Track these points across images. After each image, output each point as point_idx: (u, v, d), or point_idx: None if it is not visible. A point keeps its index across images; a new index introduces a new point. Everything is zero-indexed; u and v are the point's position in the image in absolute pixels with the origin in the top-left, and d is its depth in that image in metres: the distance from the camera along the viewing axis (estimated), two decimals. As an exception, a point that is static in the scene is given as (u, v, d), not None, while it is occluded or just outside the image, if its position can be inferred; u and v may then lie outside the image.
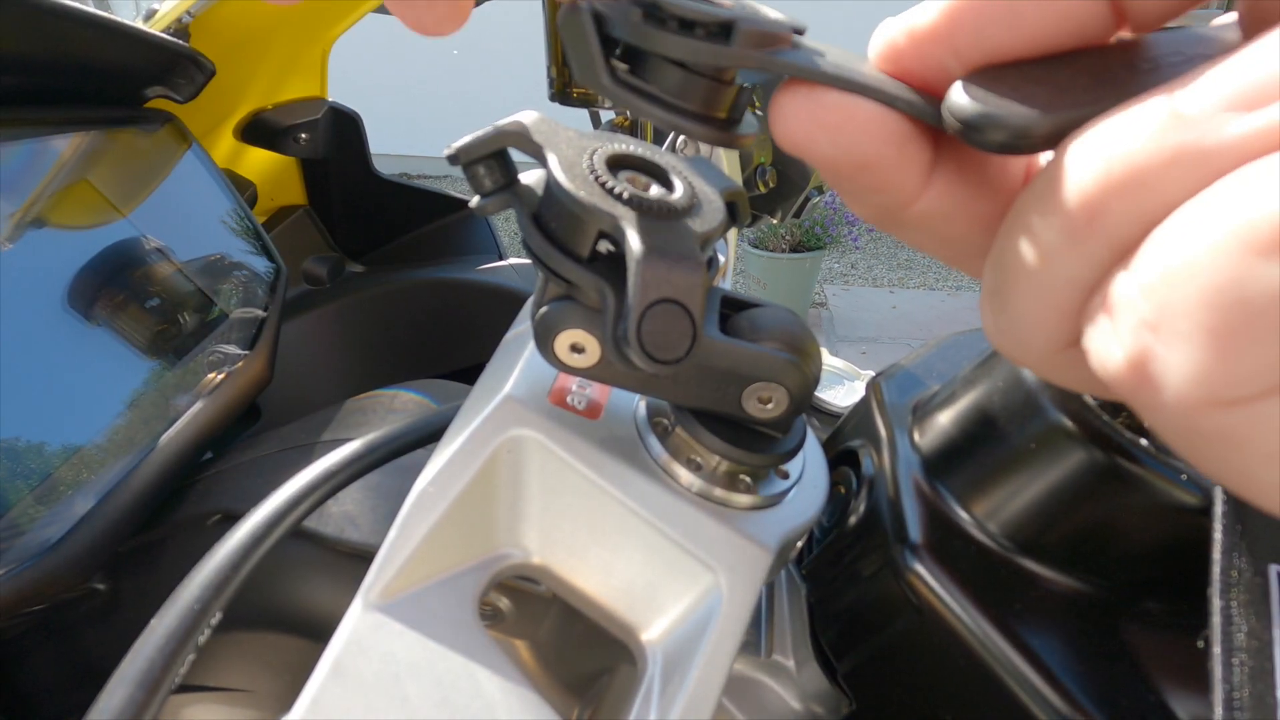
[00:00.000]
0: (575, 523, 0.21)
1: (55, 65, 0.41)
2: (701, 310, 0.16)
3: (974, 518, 0.22)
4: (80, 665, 0.40)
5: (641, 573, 0.21)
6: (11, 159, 0.38)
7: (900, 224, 0.14)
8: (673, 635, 0.21)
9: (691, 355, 0.17)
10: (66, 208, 0.41)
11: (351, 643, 0.18)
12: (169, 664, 0.20)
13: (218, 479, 0.41)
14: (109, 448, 0.37)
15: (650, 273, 0.16)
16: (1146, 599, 0.21)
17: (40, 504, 0.33)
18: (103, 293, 0.41)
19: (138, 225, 0.45)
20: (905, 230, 0.14)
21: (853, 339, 2.62)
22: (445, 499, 0.20)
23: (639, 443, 0.22)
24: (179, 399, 0.42)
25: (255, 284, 0.52)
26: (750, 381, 0.20)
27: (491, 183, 0.18)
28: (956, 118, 0.12)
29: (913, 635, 0.22)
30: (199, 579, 0.21)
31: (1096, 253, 0.10)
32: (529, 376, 0.22)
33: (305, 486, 0.24)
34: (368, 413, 0.42)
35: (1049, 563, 0.21)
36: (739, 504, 0.21)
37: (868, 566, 0.23)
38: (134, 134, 0.47)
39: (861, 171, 0.13)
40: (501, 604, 0.28)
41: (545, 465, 0.21)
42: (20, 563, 0.31)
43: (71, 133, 0.42)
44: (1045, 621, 0.20)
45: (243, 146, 0.71)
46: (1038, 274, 0.11)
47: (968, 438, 0.23)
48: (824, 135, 0.13)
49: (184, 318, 0.45)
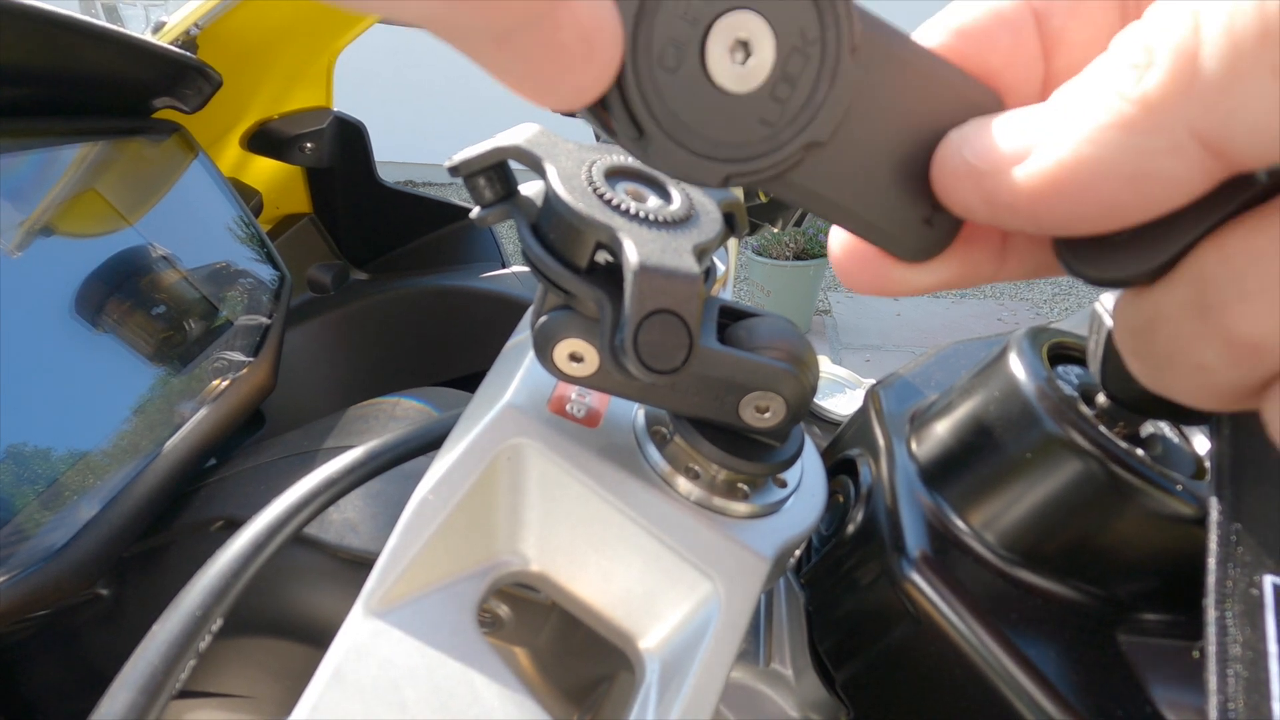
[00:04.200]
0: (574, 530, 0.21)
1: (66, 77, 0.42)
2: (697, 321, 0.17)
3: (971, 528, 0.22)
4: (83, 670, 0.40)
5: (640, 580, 0.21)
6: (21, 169, 0.38)
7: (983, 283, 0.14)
8: (670, 643, 0.21)
9: (688, 365, 0.17)
10: (75, 216, 0.41)
11: (351, 649, 0.18)
12: (170, 669, 0.20)
13: (221, 485, 0.41)
14: (114, 454, 0.37)
15: (646, 284, 0.16)
16: (1143, 609, 0.21)
17: (46, 509, 0.33)
18: (110, 300, 0.41)
19: (144, 233, 0.45)
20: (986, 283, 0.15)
21: (856, 346, 2.61)
22: (445, 507, 0.20)
23: (638, 451, 0.22)
24: (184, 405, 0.42)
25: (260, 291, 0.53)
26: (747, 391, 0.20)
27: (492, 194, 0.18)
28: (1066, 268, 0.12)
29: (910, 644, 0.22)
30: (200, 585, 0.21)
31: (1263, 373, 0.10)
32: (529, 385, 0.22)
33: (306, 494, 0.24)
34: (369, 420, 0.43)
35: (1046, 573, 0.21)
36: (737, 512, 0.21)
37: (865, 575, 0.23)
38: (142, 144, 0.47)
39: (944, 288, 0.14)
40: (501, 611, 0.28)
41: (544, 473, 0.21)
42: (25, 567, 0.32)
43: (80, 143, 0.42)
44: (1042, 631, 0.20)
45: (249, 155, 0.72)
46: (1193, 375, 0.11)
47: (965, 447, 0.23)
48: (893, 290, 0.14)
49: (189, 325, 0.46)
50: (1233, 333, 0.10)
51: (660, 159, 0.12)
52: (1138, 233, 0.11)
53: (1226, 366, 0.10)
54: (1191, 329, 0.11)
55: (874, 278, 0.14)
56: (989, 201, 0.12)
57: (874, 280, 0.14)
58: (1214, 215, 0.10)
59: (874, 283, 0.14)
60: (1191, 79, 0.09)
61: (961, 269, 0.13)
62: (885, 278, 0.14)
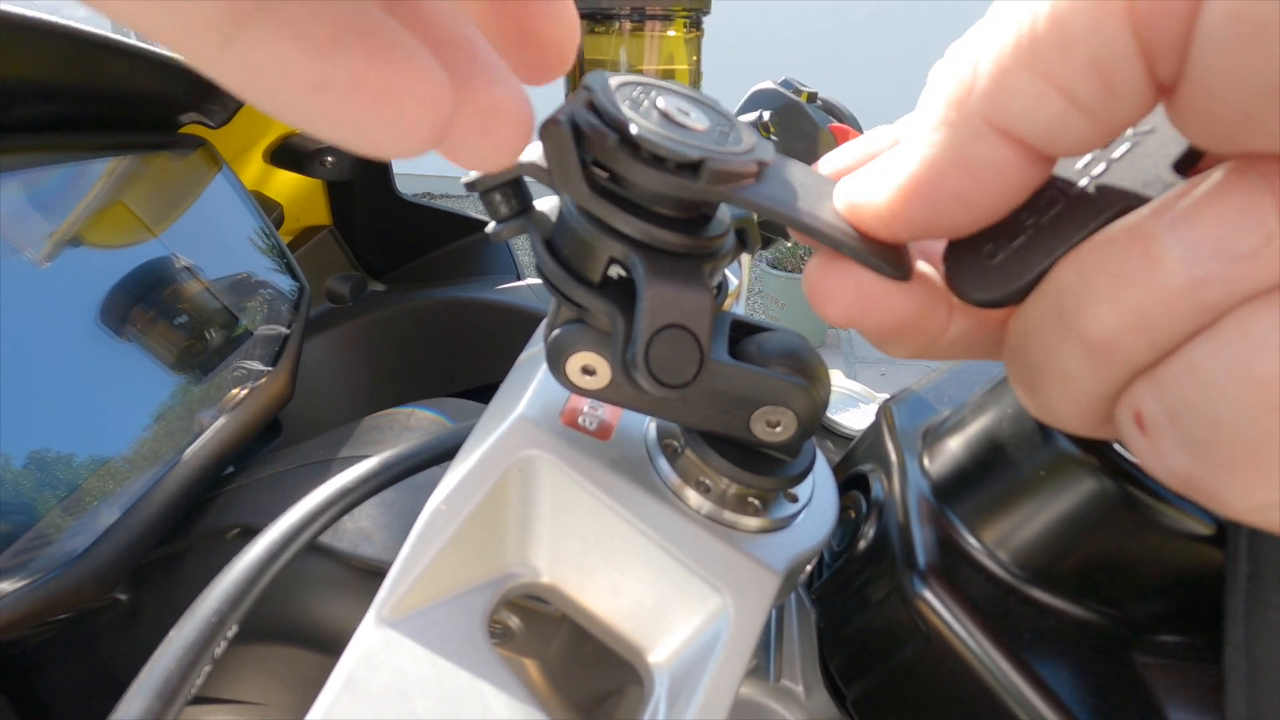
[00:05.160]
0: (584, 543, 0.21)
1: (97, 94, 0.43)
2: (708, 336, 0.17)
3: (984, 545, 0.22)
4: (101, 672, 0.40)
5: (649, 594, 0.21)
6: (52, 182, 0.40)
7: (931, 354, 0.15)
8: (679, 657, 0.21)
9: (699, 379, 0.17)
10: (102, 228, 0.42)
11: (363, 657, 0.18)
12: (185, 676, 0.20)
13: (238, 493, 0.42)
14: (135, 460, 0.38)
15: (658, 299, 0.16)
16: (1160, 630, 0.20)
17: (68, 515, 0.34)
18: (134, 309, 0.42)
19: (169, 245, 0.46)
20: (934, 354, 0.16)
21: (872, 360, 2.59)
22: (457, 518, 0.20)
23: (649, 464, 0.22)
24: (204, 413, 0.43)
25: (279, 302, 0.54)
26: (758, 405, 0.20)
27: (507, 209, 0.19)
28: (955, 292, 0.14)
29: (921, 662, 0.21)
30: (216, 593, 0.22)
31: (1115, 375, 0.12)
32: (542, 397, 0.22)
33: (320, 504, 0.25)
34: (384, 430, 0.43)
35: (1060, 592, 0.21)
36: (747, 527, 0.21)
37: (876, 592, 0.23)
38: (168, 158, 0.48)
39: (901, 333, 0.15)
40: (512, 623, 0.28)
41: (556, 485, 0.21)
42: (47, 572, 0.32)
43: (109, 157, 0.44)
44: (1055, 651, 0.20)
45: (271, 169, 0.73)
46: (1060, 386, 0.13)
47: (977, 464, 0.22)
48: (866, 313, 0.15)
49: (210, 334, 0.47)
50: (1086, 334, 0.12)
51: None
52: (1010, 257, 0.13)
53: (1085, 371, 0.12)
54: (1053, 335, 0.12)
55: (855, 289, 0.14)
56: (878, 217, 0.14)
57: (852, 291, 0.15)
58: (1072, 237, 0.12)
59: (853, 295, 0.15)
60: (973, 80, 0.11)
61: (928, 298, 0.15)
62: (863, 290, 0.14)
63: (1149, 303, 0.11)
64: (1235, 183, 0.10)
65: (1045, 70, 0.10)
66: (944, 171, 0.12)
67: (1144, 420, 0.11)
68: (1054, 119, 0.11)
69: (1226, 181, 0.10)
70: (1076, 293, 0.12)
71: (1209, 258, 0.10)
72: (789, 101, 0.50)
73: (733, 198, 0.15)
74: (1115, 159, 0.13)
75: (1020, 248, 0.13)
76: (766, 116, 0.49)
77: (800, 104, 0.49)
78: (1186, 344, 0.11)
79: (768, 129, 0.49)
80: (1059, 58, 0.10)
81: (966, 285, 0.13)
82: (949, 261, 0.14)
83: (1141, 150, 0.13)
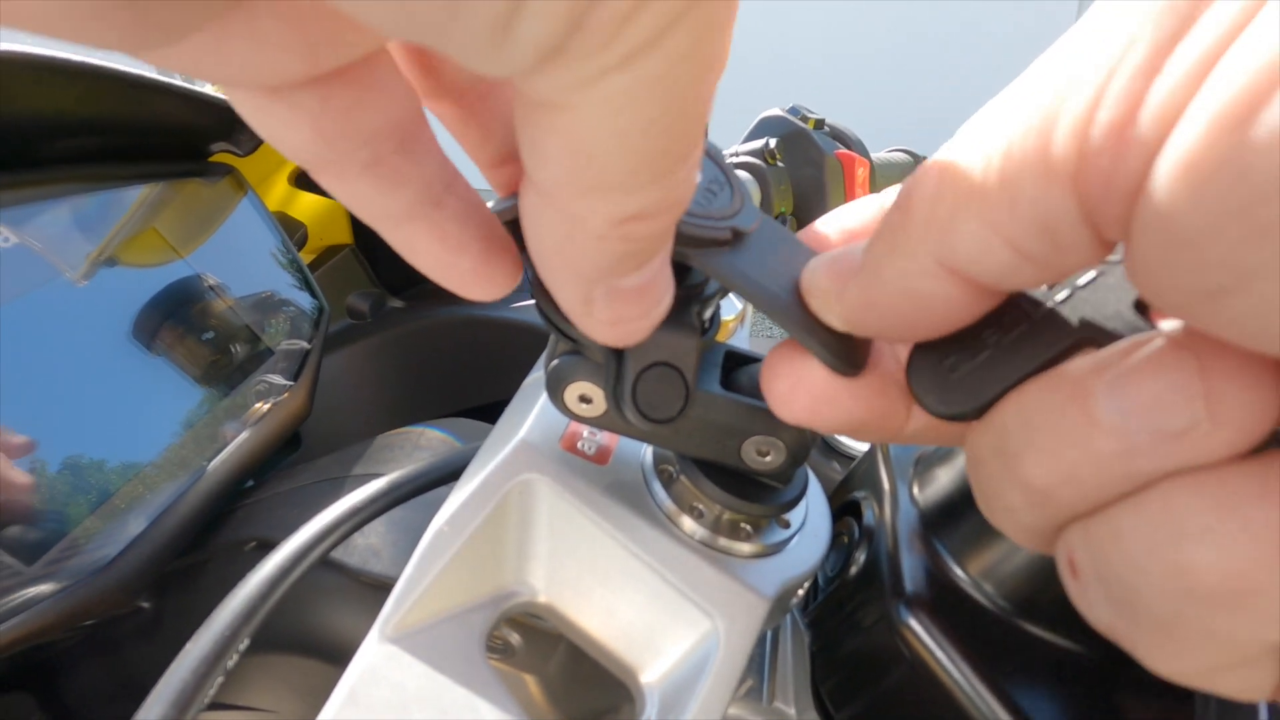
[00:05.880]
0: (580, 564, 0.22)
1: (135, 127, 0.46)
2: (694, 372, 0.18)
3: (970, 576, 0.22)
4: (123, 679, 0.42)
5: (642, 615, 0.22)
6: (90, 207, 0.42)
7: (898, 442, 0.16)
8: (670, 678, 0.22)
9: (685, 413, 0.18)
10: (135, 250, 0.45)
11: (366, 671, 0.19)
12: (200, 685, 0.21)
13: (256, 507, 0.43)
14: (164, 469, 0.40)
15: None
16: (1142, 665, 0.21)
17: (98, 523, 0.36)
18: (163, 326, 0.44)
19: (196, 265, 0.48)
20: (901, 442, 0.16)
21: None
22: (459, 538, 0.21)
23: (645, 489, 0.22)
24: (228, 426, 0.45)
25: (300, 319, 0.55)
26: (748, 435, 0.21)
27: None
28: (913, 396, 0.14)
29: (906, 689, 0.22)
30: (230, 607, 0.23)
31: (1051, 519, 0.12)
32: (543, 422, 0.23)
33: (331, 522, 0.26)
34: (395, 449, 0.44)
35: (1044, 624, 0.21)
36: (740, 552, 0.22)
37: (866, 618, 0.23)
38: (198, 184, 0.51)
39: (856, 431, 0.15)
40: (513, 639, 0.29)
41: (554, 508, 0.22)
42: (78, 578, 0.34)
43: (143, 184, 0.46)
44: (1038, 682, 0.20)
45: (295, 191, 0.75)
46: (1005, 515, 0.13)
47: (964, 495, 0.23)
48: (816, 415, 0.15)
49: (235, 350, 0.48)
50: (1024, 479, 0.12)
51: None
52: (968, 374, 0.13)
53: (1025, 509, 0.12)
54: (998, 471, 0.12)
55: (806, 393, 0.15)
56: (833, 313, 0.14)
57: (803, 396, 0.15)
58: (1028, 366, 0.12)
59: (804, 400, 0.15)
60: (927, 215, 0.11)
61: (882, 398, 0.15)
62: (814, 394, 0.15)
63: (1082, 461, 0.11)
64: (1168, 360, 0.10)
65: (992, 222, 0.10)
66: (892, 295, 0.12)
67: (1075, 567, 0.12)
68: (1003, 265, 0.11)
69: (1160, 357, 0.10)
70: (1017, 437, 0.12)
71: (1139, 429, 0.10)
72: (796, 128, 0.50)
73: (697, 262, 0.15)
74: (1080, 286, 0.13)
75: (978, 367, 0.13)
76: (773, 143, 0.50)
77: (807, 131, 0.50)
78: (1116, 506, 0.11)
79: (774, 155, 0.50)
80: (1007, 213, 0.10)
81: (925, 393, 0.13)
82: (912, 363, 0.14)
83: (1104, 282, 0.12)
